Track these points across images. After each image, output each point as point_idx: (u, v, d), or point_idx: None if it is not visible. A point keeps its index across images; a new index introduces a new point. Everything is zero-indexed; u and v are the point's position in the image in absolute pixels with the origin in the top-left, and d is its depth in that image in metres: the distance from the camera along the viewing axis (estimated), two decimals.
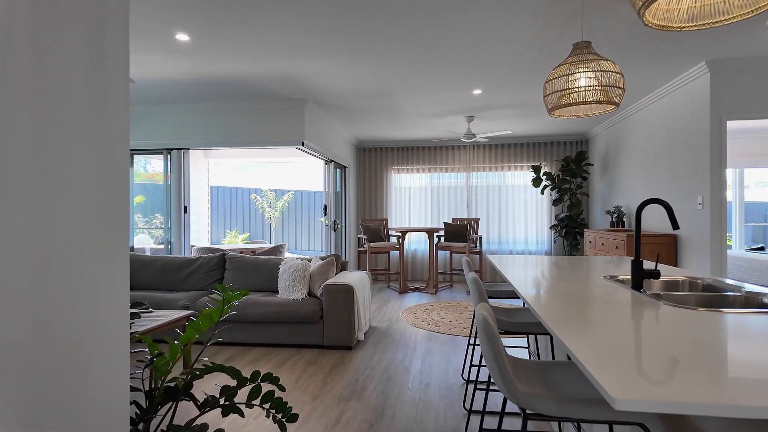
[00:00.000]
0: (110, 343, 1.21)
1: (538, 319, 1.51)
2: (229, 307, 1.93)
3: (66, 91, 1.04)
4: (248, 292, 1.94)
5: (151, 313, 3.58)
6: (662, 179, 4.99)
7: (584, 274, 2.30)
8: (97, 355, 1.16)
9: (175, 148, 5.61)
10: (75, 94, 1.07)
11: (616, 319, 1.34)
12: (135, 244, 7.46)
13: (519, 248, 7.96)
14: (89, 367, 1.12)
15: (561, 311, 1.44)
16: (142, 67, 4.24)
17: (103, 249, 1.18)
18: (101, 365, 1.17)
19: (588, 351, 1.05)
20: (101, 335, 1.17)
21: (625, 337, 1.16)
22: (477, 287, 1.95)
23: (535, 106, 5.67)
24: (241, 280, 4.62)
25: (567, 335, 1.18)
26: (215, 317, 1.91)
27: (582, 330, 1.23)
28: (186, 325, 1.82)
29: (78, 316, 1.08)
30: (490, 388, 2.82)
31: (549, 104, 2.77)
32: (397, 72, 4.36)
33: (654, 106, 5.18)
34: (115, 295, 1.23)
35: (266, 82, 4.71)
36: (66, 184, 1.03)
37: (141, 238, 7.40)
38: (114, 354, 1.22)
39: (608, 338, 1.15)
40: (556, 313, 1.42)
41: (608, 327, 1.26)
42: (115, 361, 1.23)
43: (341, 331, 3.98)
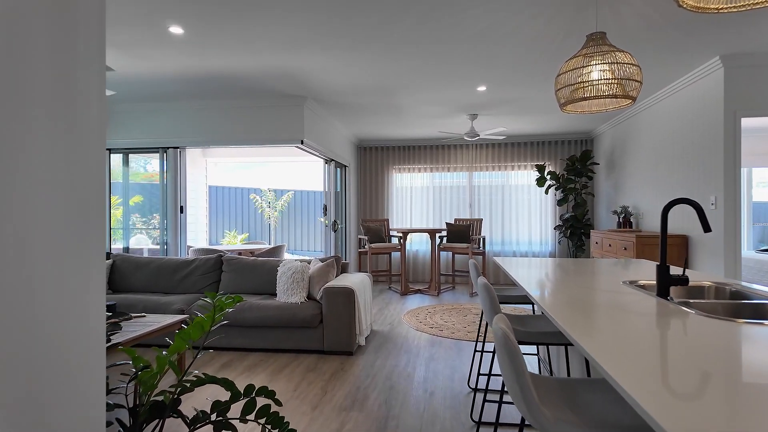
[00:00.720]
0: (82, 360, 1.07)
1: (570, 338, 1.36)
2: (221, 316, 1.79)
3: (23, 75, 0.90)
4: (242, 299, 1.80)
5: (145, 318, 3.44)
6: (672, 178, 4.84)
7: (601, 278, 2.16)
8: (66, 375, 1.02)
9: (171, 147, 5.47)
10: (34, 79, 0.92)
11: (650, 333, 1.20)
12: (133, 244, 7.33)
13: (522, 249, 7.81)
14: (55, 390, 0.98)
15: (587, 324, 1.30)
16: (135, 62, 4.10)
17: (73, 254, 1.04)
18: (70, 387, 1.03)
19: (629, 374, 0.91)
20: (70, 351, 1.03)
21: (667, 355, 1.02)
22: (488, 294, 1.81)
23: (541, 103, 5.53)
24: (238, 282, 4.47)
25: (602, 355, 1.04)
26: (206, 326, 1.77)
27: (617, 348, 1.09)
28: (176, 333, 1.67)
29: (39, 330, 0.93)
30: (503, 400, 2.68)
31: (561, 99, 2.63)
32: (398, 68, 4.22)
33: (664, 103, 5.03)
34: (87, 305, 1.09)
35: (264, 79, 4.57)
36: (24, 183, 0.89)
37: (139, 238, 7.27)
38: (87, 372, 1.08)
39: (648, 357, 1.01)
40: (582, 325, 1.28)
41: (644, 342, 1.11)
42: (88, 381, 1.09)
43: (342, 335, 3.84)
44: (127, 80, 4.61)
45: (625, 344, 1.11)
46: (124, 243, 5.77)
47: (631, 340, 1.14)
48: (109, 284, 4.68)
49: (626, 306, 1.53)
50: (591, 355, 1.04)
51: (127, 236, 5.76)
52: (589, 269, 2.53)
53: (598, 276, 2.25)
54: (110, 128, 5.57)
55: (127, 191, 5.76)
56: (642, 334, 1.19)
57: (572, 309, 1.48)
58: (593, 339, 1.15)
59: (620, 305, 1.54)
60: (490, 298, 1.81)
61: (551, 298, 1.68)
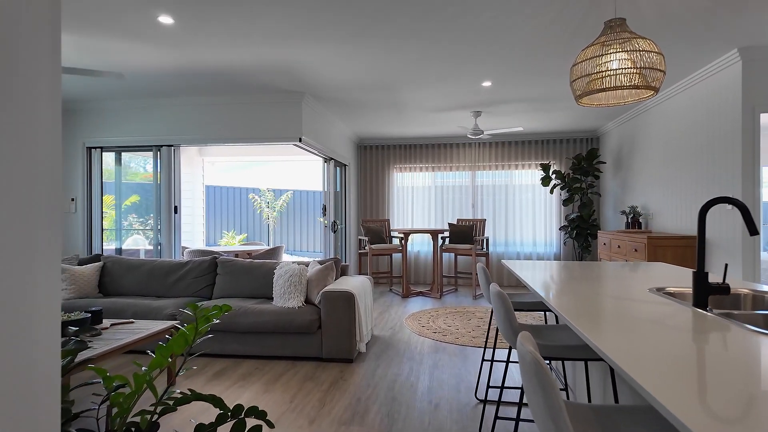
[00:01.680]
0: (27, 387, 0.88)
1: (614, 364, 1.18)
2: (206, 328, 1.60)
3: None
4: (230, 308, 1.62)
5: (132, 324, 3.26)
6: (685, 177, 4.66)
7: (624, 285, 1.98)
8: (7, 405, 0.83)
9: (165, 145, 5.28)
10: None
11: (698, 352, 1.01)
12: (130, 245, 7.15)
13: (527, 250, 7.63)
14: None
15: (625, 344, 1.12)
16: (125, 56, 3.92)
17: (13, 259, 0.85)
18: (12, 418, 0.85)
19: (686, 405, 0.73)
20: (9, 377, 0.85)
21: (722, 379, 0.84)
22: (503, 305, 1.63)
23: (547, 99, 5.35)
24: (233, 285, 4.29)
25: (650, 381, 0.86)
26: (190, 339, 1.59)
27: (665, 372, 0.90)
28: (157, 347, 1.49)
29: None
30: (521, 417, 2.50)
31: (577, 91, 2.45)
32: (400, 61, 4.03)
33: (676, 99, 4.85)
34: (36, 319, 0.91)
35: (260, 73, 4.39)
36: None
37: (136, 239, 7.09)
38: (35, 401, 0.89)
39: (702, 382, 0.83)
40: (620, 346, 1.10)
41: (692, 363, 0.93)
42: (38, 410, 0.90)
43: (341, 342, 3.66)
44: (121, 76, 4.42)
45: (672, 367, 0.92)
46: (117, 244, 5.59)
47: (678, 361, 0.96)
48: (99, 287, 4.50)
49: (662, 319, 1.35)
50: (641, 385, 0.86)
51: (119, 237, 5.58)
52: (607, 274, 2.35)
53: (620, 282, 2.07)
54: (102, 126, 5.39)
55: (119, 191, 5.57)
56: (688, 353, 1.01)
57: (603, 324, 1.30)
58: (637, 362, 0.97)
59: (655, 318, 1.36)
60: (505, 310, 1.62)
61: (576, 310, 1.49)
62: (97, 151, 5.43)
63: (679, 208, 4.77)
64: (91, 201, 5.40)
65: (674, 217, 4.89)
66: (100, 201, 5.44)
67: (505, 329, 1.67)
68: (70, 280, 4.23)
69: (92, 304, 4.02)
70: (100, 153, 5.44)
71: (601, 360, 1.62)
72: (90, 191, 5.41)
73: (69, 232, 5.46)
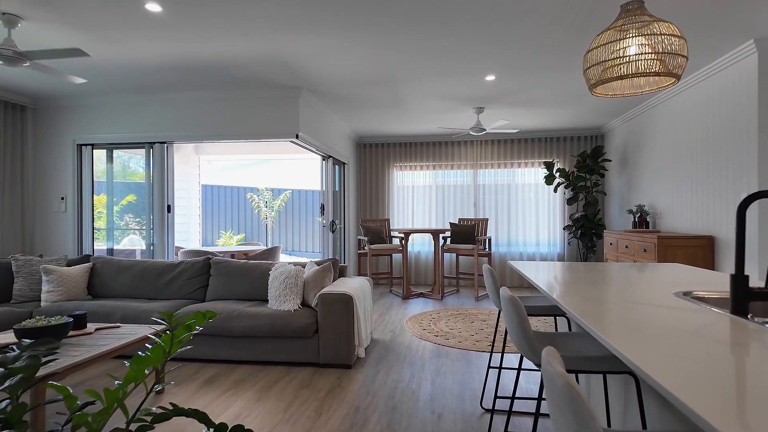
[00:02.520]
0: None
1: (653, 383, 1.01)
2: (187, 338, 1.43)
3: None
4: (214, 314, 1.45)
5: (119, 329, 3.09)
6: (696, 175, 4.50)
7: (646, 288, 1.81)
8: None
9: (158, 142, 5.12)
10: None
11: (752, 370, 0.85)
12: (125, 245, 6.98)
13: (530, 250, 7.46)
14: None
15: (662, 356, 0.95)
16: (112, 47, 3.75)
17: None
18: None
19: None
20: None
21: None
22: (517, 313, 1.46)
23: (553, 94, 5.18)
24: (227, 287, 4.13)
25: (712, 413, 0.69)
26: (173, 349, 1.42)
27: (720, 393, 0.74)
28: (132, 360, 1.32)
29: None
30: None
31: (591, 79, 2.28)
32: (400, 53, 3.87)
33: (686, 94, 4.68)
34: None
35: (255, 66, 4.22)
36: None
37: (132, 239, 6.93)
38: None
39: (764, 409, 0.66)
40: (656, 359, 0.93)
41: (744, 382, 0.77)
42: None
43: (339, 347, 3.49)
44: (106, 69, 4.26)
45: (721, 386, 0.76)
46: (109, 244, 5.42)
47: (726, 378, 0.79)
48: (88, 289, 4.33)
49: (700, 329, 1.18)
50: (696, 412, 0.69)
51: (112, 237, 5.41)
52: (622, 277, 2.18)
53: (640, 285, 1.90)
54: (92, 122, 5.22)
55: (111, 189, 5.41)
56: (735, 368, 0.85)
57: (635, 335, 1.13)
58: (683, 381, 0.80)
59: (692, 327, 1.19)
60: (518, 317, 1.46)
61: (601, 318, 1.33)
62: (87, 149, 5.27)
63: (690, 207, 4.61)
64: (82, 200, 5.24)
65: (684, 216, 4.73)
66: (91, 200, 5.28)
67: (518, 339, 1.50)
68: (58, 282, 4.07)
69: (80, 306, 3.85)
70: (91, 150, 5.28)
71: (624, 373, 1.46)
72: (80, 190, 5.24)
73: (59, 232, 5.29)
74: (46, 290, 4.03)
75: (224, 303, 3.88)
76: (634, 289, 1.82)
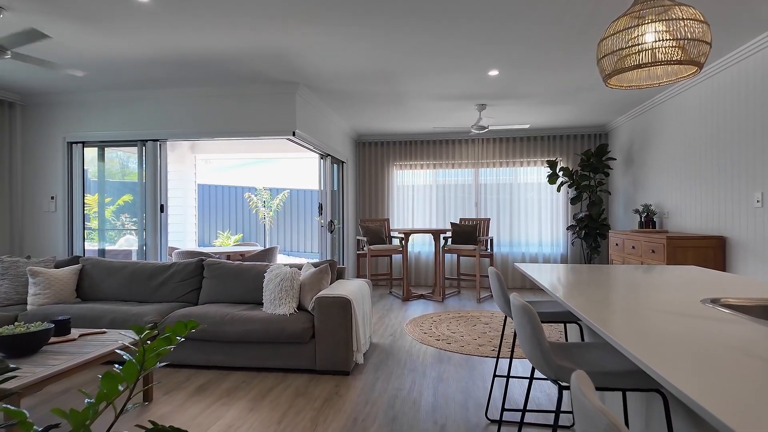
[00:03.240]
0: None
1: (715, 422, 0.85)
2: (166, 351, 1.28)
3: None
4: (196, 324, 1.31)
5: (104, 334, 2.94)
6: (706, 173, 4.35)
7: (667, 294, 1.66)
8: None
9: (150, 140, 4.96)
10: None
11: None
12: (121, 246, 6.83)
13: (532, 251, 7.32)
14: None
15: (710, 381, 0.80)
16: (100, 40, 3.60)
17: None
18: None
19: None
20: None
21: None
22: (530, 321, 1.31)
23: (556, 90, 5.03)
24: (220, 290, 3.98)
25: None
26: (148, 364, 1.27)
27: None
28: (102, 378, 1.17)
29: None
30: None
31: (605, 70, 2.13)
32: (401, 46, 3.72)
33: (696, 89, 4.54)
34: None
35: (250, 60, 4.07)
36: None
37: (129, 239, 6.79)
38: None
39: None
40: (706, 386, 0.78)
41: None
42: None
43: (336, 352, 3.34)
44: (94, 62, 4.11)
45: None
46: (101, 245, 5.27)
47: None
48: (77, 292, 4.18)
49: (749, 347, 1.03)
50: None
51: (103, 238, 5.26)
52: (641, 280, 2.03)
53: (662, 291, 1.75)
54: (83, 120, 5.07)
55: (103, 189, 5.25)
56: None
57: (670, 352, 0.99)
58: (748, 417, 0.65)
59: (738, 344, 1.05)
60: (532, 328, 1.31)
61: (626, 330, 1.18)
62: (78, 147, 5.11)
63: (700, 206, 4.46)
64: (72, 199, 5.08)
65: (693, 216, 4.58)
66: (81, 199, 5.12)
67: (532, 352, 1.35)
68: (45, 285, 3.91)
69: (67, 310, 3.70)
70: (82, 148, 5.12)
71: (650, 390, 1.31)
72: (71, 189, 5.09)
73: (48, 233, 5.14)
74: (32, 293, 3.88)
75: (217, 306, 3.73)
76: (655, 295, 1.68)
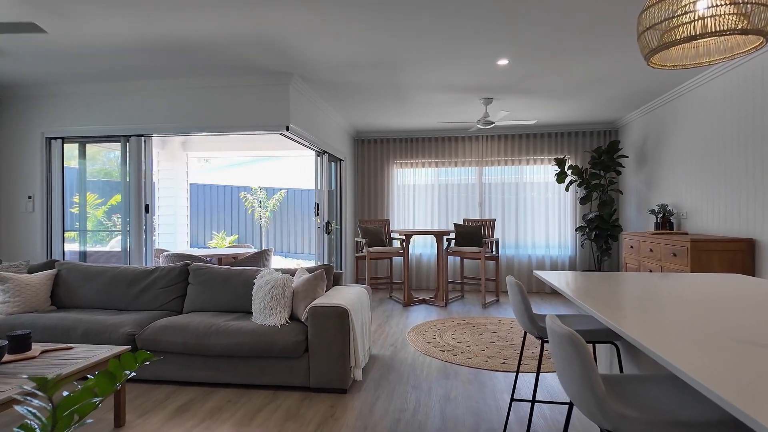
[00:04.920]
0: None
1: None
2: (69, 420, 0.93)
3: None
4: (151, 357, 1.00)
5: (70, 350, 2.62)
6: (732, 170, 4.03)
7: (741, 316, 1.35)
8: None
9: (134, 135, 4.64)
10: None
11: None
12: (111, 247, 6.51)
13: (539, 253, 7.00)
14: None
15: None
16: (72, 24, 3.27)
17: None
18: None
19: None
20: None
21: None
22: (579, 355, 0.99)
23: (568, 82, 4.72)
24: (207, 297, 3.65)
25: None
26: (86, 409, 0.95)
27: None
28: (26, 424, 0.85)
29: None
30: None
31: (646, 47, 1.82)
32: (402, 32, 3.40)
33: (720, 81, 4.22)
34: None
35: (239, 48, 3.75)
36: None
37: (120, 240, 6.47)
38: None
39: None
40: None
41: None
42: None
43: (332, 368, 3.02)
44: (74, 52, 3.78)
45: None
46: (83, 247, 4.94)
47: None
48: (52, 299, 3.85)
49: None
50: None
51: (84, 239, 4.93)
52: (698, 295, 1.72)
53: (733, 311, 1.43)
54: (62, 114, 4.74)
55: (84, 187, 4.92)
56: None
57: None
58: None
59: None
60: (581, 365, 0.99)
61: (715, 371, 0.86)
62: (57, 142, 4.78)
63: (724, 206, 4.14)
64: (51, 198, 4.75)
65: (717, 217, 4.26)
66: (61, 198, 4.79)
67: (581, 394, 1.03)
68: (14, 292, 3.58)
69: (36, 320, 3.36)
70: (61, 144, 4.79)
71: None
72: (50, 187, 4.76)
73: (25, 235, 4.81)
74: (0, 301, 3.55)
75: (202, 316, 3.40)
76: (726, 316, 1.36)
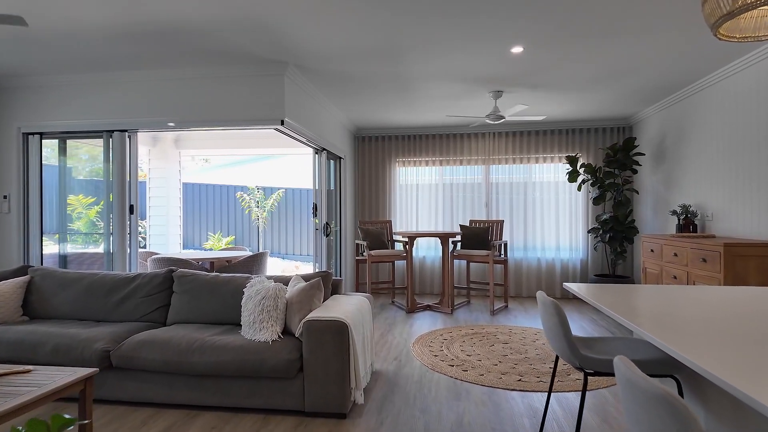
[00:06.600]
0: None
1: None
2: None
3: None
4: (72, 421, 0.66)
5: (28, 374, 2.28)
6: (758, 170, 3.70)
7: None
8: None
9: (118, 130, 4.30)
10: None
11: None
12: (103, 248, 6.18)
13: (549, 256, 6.66)
14: None
15: None
16: (57, 7, 2.93)
17: None
18: None
19: None
20: None
21: None
22: (673, 414, 0.64)
23: (583, 73, 4.38)
24: (192, 307, 3.32)
25: None
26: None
27: None
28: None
29: None
30: None
31: (714, 15, 1.48)
32: (406, 14, 3.06)
33: (749, 72, 3.88)
34: None
35: (229, 33, 3.41)
36: None
37: (103, 243, 6.15)
38: None
39: None
40: None
41: None
42: None
43: (330, 390, 2.68)
44: (50, 39, 3.45)
45: None
46: (62, 250, 4.60)
47: None
48: (24, 309, 3.52)
49: None
50: None
51: (64, 241, 4.60)
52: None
53: None
54: (41, 107, 4.41)
55: (64, 186, 4.59)
56: None
57: None
58: None
59: None
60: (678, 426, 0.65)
61: None
62: (35, 138, 4.45)
63: (757, 208, 3.81)
64: (28, 198, 4.42)
65: (747, 219, 3.93)
66: (39, 198, 4.45)
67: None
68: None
69: (2, 335, 3.03)
70: (39, 140, 4.46)
71: None
72: (26, 186, 4.43)
73: (1, 237, 4.47)
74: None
75: (186, 329, 3.06)
76: None
